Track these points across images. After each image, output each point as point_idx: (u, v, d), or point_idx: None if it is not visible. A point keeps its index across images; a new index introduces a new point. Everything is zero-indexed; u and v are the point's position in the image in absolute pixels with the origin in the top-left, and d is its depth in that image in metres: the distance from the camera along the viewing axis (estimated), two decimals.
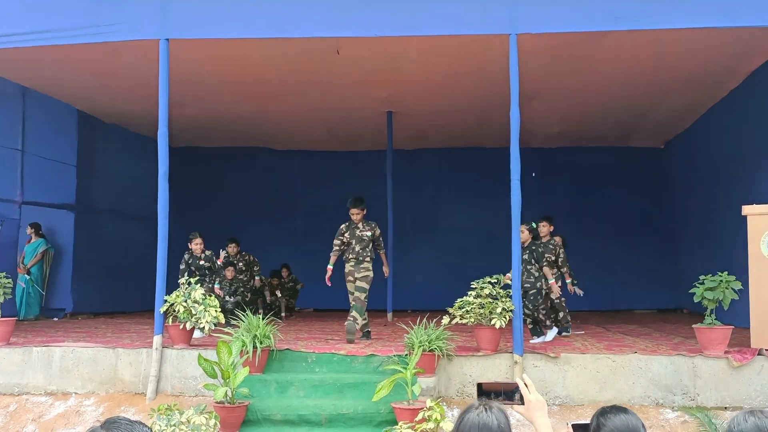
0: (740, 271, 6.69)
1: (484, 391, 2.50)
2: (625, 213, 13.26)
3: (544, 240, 8.29)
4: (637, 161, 13.42)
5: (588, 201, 13.36)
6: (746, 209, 6.75)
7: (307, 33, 7.05)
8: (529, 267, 7.73)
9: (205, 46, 7.78)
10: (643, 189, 13.35)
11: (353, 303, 7.74)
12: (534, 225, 8.01)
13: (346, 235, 7.90)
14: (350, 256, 7.84)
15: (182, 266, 8.70)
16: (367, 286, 7.80)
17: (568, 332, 8.35)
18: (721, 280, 6.44)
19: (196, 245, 8.78)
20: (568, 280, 8.67)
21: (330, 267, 7.91)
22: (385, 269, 8.25)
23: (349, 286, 7.85)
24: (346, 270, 7.87)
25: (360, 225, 7.91)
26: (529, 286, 7.69)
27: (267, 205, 14.07)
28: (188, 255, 8.80)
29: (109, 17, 7.09)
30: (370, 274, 7.81)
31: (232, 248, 10.72)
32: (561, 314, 8.28)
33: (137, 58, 8.13)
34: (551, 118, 11.31)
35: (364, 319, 7.78)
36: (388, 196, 10.85)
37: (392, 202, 10.88)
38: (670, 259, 12.90)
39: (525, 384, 2.49)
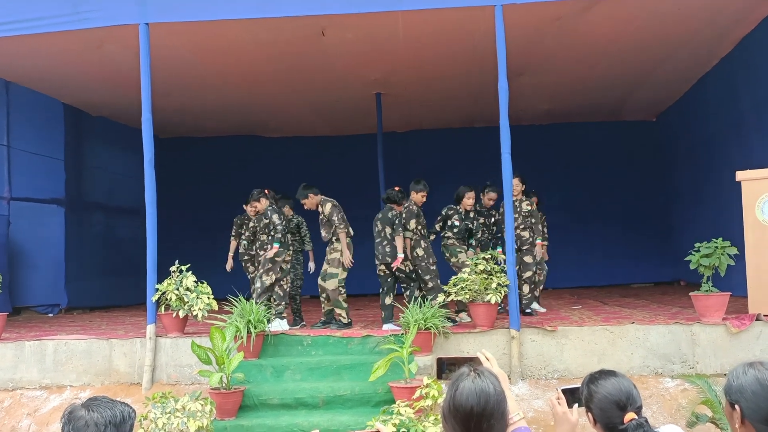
0: (737, 240, 6.65)
1: (447, 367, 2.44)
2: (619, 187, 13.21)
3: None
4: (630, 135, 13.35)
5: (581, 177, 13.30)
6: (740, 175, 6.72)
7: (289, 12, 6.94)
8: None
9: (188, 31, 7.66)
10: (637, 163, 13.28)
11: (324, 296, 7.36)
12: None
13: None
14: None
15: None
16: (337, 271, 7.27)
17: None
18: (717, 246, 6.40)
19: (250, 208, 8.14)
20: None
21: None
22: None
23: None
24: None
25: (317, 209, 7.55)
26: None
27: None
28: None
29: (88, 4, 6.98)
30: (338, 255, 7.31)
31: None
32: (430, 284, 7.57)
33: (119, 47, 8.01)
34: (541, 95, 11.22)
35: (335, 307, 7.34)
36: (379, 179, 10.77)
37: (384, 185, 10.79)
38: (666, 231, 12.87)
39: (486, 358, 2.44)
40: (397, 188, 7.65)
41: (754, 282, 6.48)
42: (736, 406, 2.06)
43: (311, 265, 8.68)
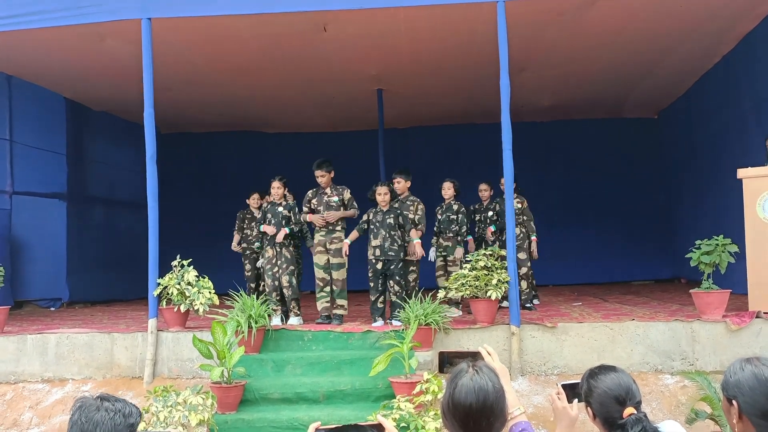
0: (739, 238, 6.65)
1: (449, 361, 2.46)
2: (619, 185, 13.20)
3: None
4: (631, 132, 13.34)
5: (582, 174, 13.29)
6: (741, 172, 6.72)
7: (291, 7, 6.95)
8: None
9: (190, 27, 7.67)
10: (638, 160, 13.27)
11: (335, 287, 7.24)
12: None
13: (314, 201, 7.48)
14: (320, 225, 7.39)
15: (259, 216, 7.82)
16: (344, 261, 7.28)
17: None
18: (717, 244, 6.40)
19: (276, 189, 7.66)
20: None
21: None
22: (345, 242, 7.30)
23: (319, 259, 7.35)
24: (316, 240, 7.40)
25: (327, 190, 7.48)
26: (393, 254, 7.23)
27: (260, 190, 13.98)
28: (266, 204, 7.90)
29: None
30: (341, 245, 7.31)
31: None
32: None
33: (121, 42, 8.01)
34: (542, 91, 11.21)
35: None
36: (380, 176, 10.77)
37: (385, 181, 10.79)
38: (667, 229, 12.87)
39: (488, 352, 2.46)
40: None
41: (755, 279, 6.49)
42: (734, 402, 2.07)
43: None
